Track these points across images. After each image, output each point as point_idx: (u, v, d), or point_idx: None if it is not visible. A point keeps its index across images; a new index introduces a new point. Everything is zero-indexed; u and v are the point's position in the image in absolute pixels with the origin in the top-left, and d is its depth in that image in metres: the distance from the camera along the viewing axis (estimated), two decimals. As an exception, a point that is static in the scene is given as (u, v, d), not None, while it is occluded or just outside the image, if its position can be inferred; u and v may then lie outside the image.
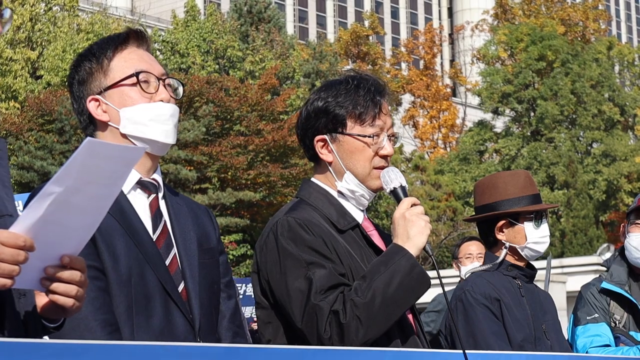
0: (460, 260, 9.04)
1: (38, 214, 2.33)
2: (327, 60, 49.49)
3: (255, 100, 37.05)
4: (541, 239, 4.81)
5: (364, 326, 3.40)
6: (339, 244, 3.61)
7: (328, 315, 3.42)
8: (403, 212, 3.59)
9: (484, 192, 4.89)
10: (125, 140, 3.33)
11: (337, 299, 3.44)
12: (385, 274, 3.47)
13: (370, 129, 3.71)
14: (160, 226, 3.33)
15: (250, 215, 36.50)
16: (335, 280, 3.48)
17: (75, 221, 2.41)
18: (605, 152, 55.28)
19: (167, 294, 3.20)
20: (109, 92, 3.36)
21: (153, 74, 3.38)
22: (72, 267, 2.49)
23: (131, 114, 3.32)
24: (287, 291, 3.52)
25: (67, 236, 2.44)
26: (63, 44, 39.15)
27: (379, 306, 3.42)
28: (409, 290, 3.50)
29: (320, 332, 3.42)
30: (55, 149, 33.12)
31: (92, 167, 2.32)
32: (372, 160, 3.72)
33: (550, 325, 4.79)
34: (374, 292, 3.43)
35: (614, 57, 64.06)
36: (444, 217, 47.12)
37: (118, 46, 3.39)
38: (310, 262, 3.50)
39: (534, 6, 70.19)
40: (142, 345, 2.28)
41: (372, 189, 3.75)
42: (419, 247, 3.54)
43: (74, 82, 3.42)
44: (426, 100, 65.18)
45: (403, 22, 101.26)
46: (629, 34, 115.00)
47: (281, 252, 3.56)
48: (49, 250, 2.44)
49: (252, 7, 47.91)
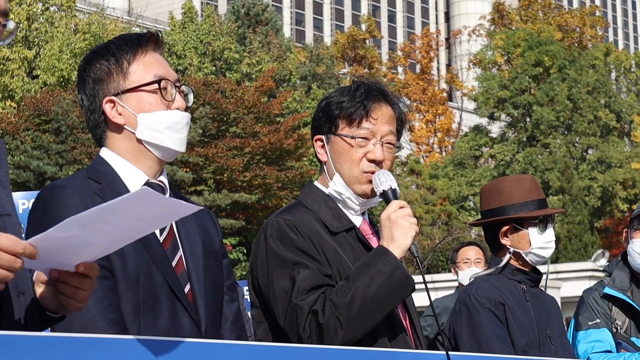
0: (458, 264, 9.05)
1: (64, 234, 2.33)
2: (324, 63, 49.58)
3: (252, 102, 37.07)
4: (546, 244, 4.79)
5: (343, 327, 3.40)
6: (327, 246, 3.61)
7: (307, 315, 3.43)
8: (389, 213, 3.57)
9: (489, 196, 4.89)
10: (140, 145, 3.34)
11: (318, 299, 3.45)
12: (366, 275, 3.46)
13: (357, 130, 3.72)
14: (167, 228, 3.33)
15: (246, 217, 36.52)
16: (319, 280, 3.49)
17: (101, 240, 2.42)
18: (600, 158, 55.38)
19: (174, 295, 3.21)
20: (126, 95, 3.34)
21: (170, 80, 3.38)
22: (84, 274, 2.51)
23: (149, 120, 3.32)
24: (273, 291, 3.55)
25: (89, 250, 2.45)
26: (60, 44, 39.11)
27: (358, 308, 3.42)
28: (391, 292, 3.48)
29: (300, 331, 3.44)
30: (52, 149, 33.11)
31: (138, 210, 2.34)
32: (360, 163, 3.72)
33: (556, 330, 4.77)
34: (353, 293, 3.43)
35: (610, 64, 64.20)
36: (439, 222, 47.17)
37: (138, 49, 3.38)
38: (296, 263, 3.52)
39: (531, 12, 70.29)
40: (150, 340, 2.29)
41: (357, 193, 3.74)
42: (404, 248, 3.52)
43: (87, 79, 3.39)
44: (422, 105, 65.25)
45: (400, 26, 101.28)
46: (626, 40, 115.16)
47: (269, 252, 3.59)
48: (68, 259, 2.45)
49: (249, 9, 47.95)
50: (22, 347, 2.07)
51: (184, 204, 2.39)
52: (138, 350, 2.28)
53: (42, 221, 3.10)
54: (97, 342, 2.22)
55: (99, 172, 3.31)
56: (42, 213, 3.16)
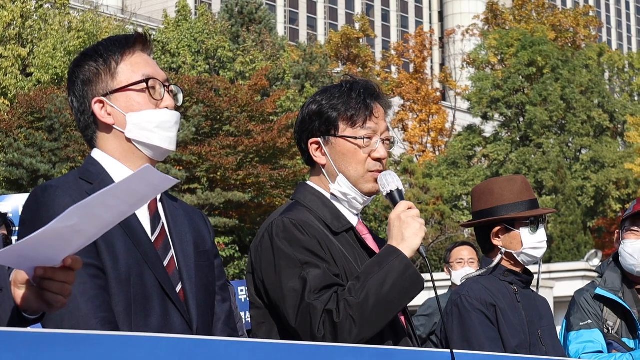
0: (452, 264, 9.06)
1: (67, 223, 2.33)
2: (318, 62, 49.59)
3: (245, 101, 37.06)
4: (538, 245, 4.79)
5: (357, 326, 3.40)
6: (333, 246, 3.62)
7: (322, 315, 3.43)
8: (399, 213, 3.60)
9: (481, 197, 4.89)
10: (130, 144, 3.35)
11: (331, 298, 3.45)
12: (379, 274, 3.48)
13: (361, 131, 3.73)
14: (158, 228, 3.34)
15: (239, 215, 36.51)
16: (330, 280, 3.49)
17: (90, 229, 2.42)
18: (594, 158, 55.47)
19: (165, 294, 3.22)
20: (115, 95, 3.35)
21: (159, 80, 3.39)
22: (69, 268, 2.51)
23: (138, 119, 3.33)
24: (282, 291, 3.53)
25: (77, 240, 2.44)
26: (54, 41, 39.06)
27: (372, 306, 3.43)
28: (403, 291, 3.50)
29: (314, 331, 3.42)
30: (45, 147, 33.09)
31: (134, 189, 2.35)
32: (366, 163, 3.73)
33: (546, 331, 4.78)
34: (367, 292, 3.44)
35: (604, 64, 64.31)
36: (432, 221, 47.15)
37: (126, 49, 3.40)
38: (305, 262, 3.52)
39: (524, 12, 70.36)
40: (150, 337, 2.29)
41: (364, 192, 3.76)
42: (414, 248, 3.55)
43: (76, 81, 3.41)
44: (416, 104, 65.27)
45: (394, 25, 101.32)
46: (620, 40, 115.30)
47: (276, 252, 3.58)
48: (56, 254, 2.45)
49: (243, 8, 47.94)
50: (21, 343, 2.06)
51: (168, 178, 2.39)
52: (137, 346, 2.27)
53: (33, 221, 3.11)
54: (96, 339, 2.22)
55: (90, 172, 3.33)
56: (34, 213, 3.17)
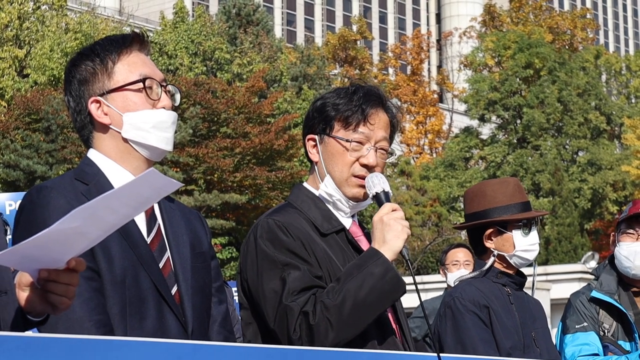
0: (447, 266, 9.05)
1: (71, 225, 2.33)
2: (315, 64, 49.60)
3: (243, 102, 37.02)
4: (530, 247, 4.80)
5: (334, 329, 3.39)
6: (318, 247, 3.61)
7: (298, 316, 3.42)
8: (382, 215, 3.58)
9: (473, 200, 4.89)
10: (126, 145, 3.34)
11: (309, 300, 3.44)
12: (357, 277, 3.46)
13: (353, 134, 3.72)
14: (154, 229, 3.33)
15: (236, 217, 36.49)
16: (309, 282, 3.48)
17: (94, 231, 2.42)
18: (591, 160, 55.45)
19: (161, 296, 3.21)
20: (111, 95, 3.34)
21: (156, 79, 3.38)
22: (73, 270, 2.51)
23: (135, 119, 3.31)
24: (263, 292, 3.54)
25: (80, 242, 2.44)
26: (51, 43, 39.00)
27: (349, 309, 3.41)
28: (382, 294, 3.47)
29: (290, 332, 3.42)
30: (42, 148, 33.04)
31: (139, 192, 2.35)
32: (352, 167, 3.72)
33: (540, 333, 4.78)
34: (345, 294, 3.42)
35: (601, 66, 64.32)
36: (429, 223, 47.17)
37: (123, 49, 3.38)
38: (286, 264, 3.51)
39: (522, 14, 70.39)
40: (145, 342, 2.29)
41: (347, 196, 3.74)
42: (395, 251, 3.52)
43: (73, 81, 3.39)
44: (413, 106, 65.26)
45: (391, 27, 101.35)
46: (617, 43, 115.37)
47: (259, 253, 3.58)
48: (60, 256, 2.45)
49: (240, 9, 47.93)
50: (17, 347, 2.06)
51: (172, 181, 2.39)
52: (134, 351, 2.26)
53: (29, 222, 3.10)
54: (92, 343, 2.21)
55: (86, 173, 3.31)
56: (29, 214, 3.16)
